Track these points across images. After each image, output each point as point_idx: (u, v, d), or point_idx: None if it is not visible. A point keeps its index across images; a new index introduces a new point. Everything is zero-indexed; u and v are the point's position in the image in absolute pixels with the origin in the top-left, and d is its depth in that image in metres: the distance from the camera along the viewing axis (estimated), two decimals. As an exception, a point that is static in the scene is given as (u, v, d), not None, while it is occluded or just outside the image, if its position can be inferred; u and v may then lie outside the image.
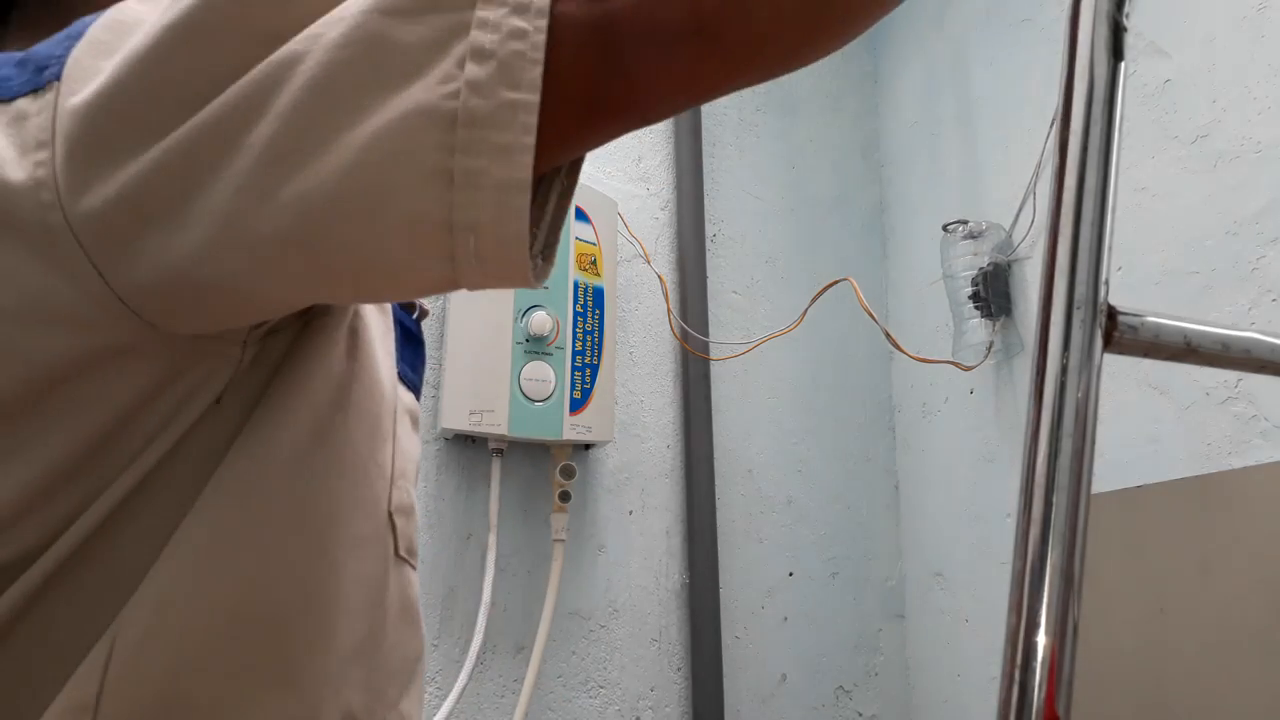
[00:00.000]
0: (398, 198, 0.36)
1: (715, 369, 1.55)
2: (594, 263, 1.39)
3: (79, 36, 0.41)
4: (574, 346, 1.35)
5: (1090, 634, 1.15)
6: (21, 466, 0.40)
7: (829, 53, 0.39)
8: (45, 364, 0.39)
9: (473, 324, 1.32)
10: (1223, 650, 1.04)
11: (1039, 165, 1.39)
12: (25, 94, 0.40)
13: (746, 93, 1.71)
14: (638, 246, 1.53)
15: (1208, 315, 1.14)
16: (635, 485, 1.48)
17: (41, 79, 0.40)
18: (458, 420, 1.29)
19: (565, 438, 1.33)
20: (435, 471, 1.35)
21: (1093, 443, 0.44)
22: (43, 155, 0.38)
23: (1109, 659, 1.16)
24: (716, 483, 1.50)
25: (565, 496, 1.36)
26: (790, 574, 1.55)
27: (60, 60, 0.40)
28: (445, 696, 1.27)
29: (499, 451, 1.34)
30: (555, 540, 1.35)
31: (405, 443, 0.56)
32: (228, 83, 0.37)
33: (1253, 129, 1.12)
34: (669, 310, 1.53)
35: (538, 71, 0.36)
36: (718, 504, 1.49)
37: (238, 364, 0.44)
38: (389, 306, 0.57)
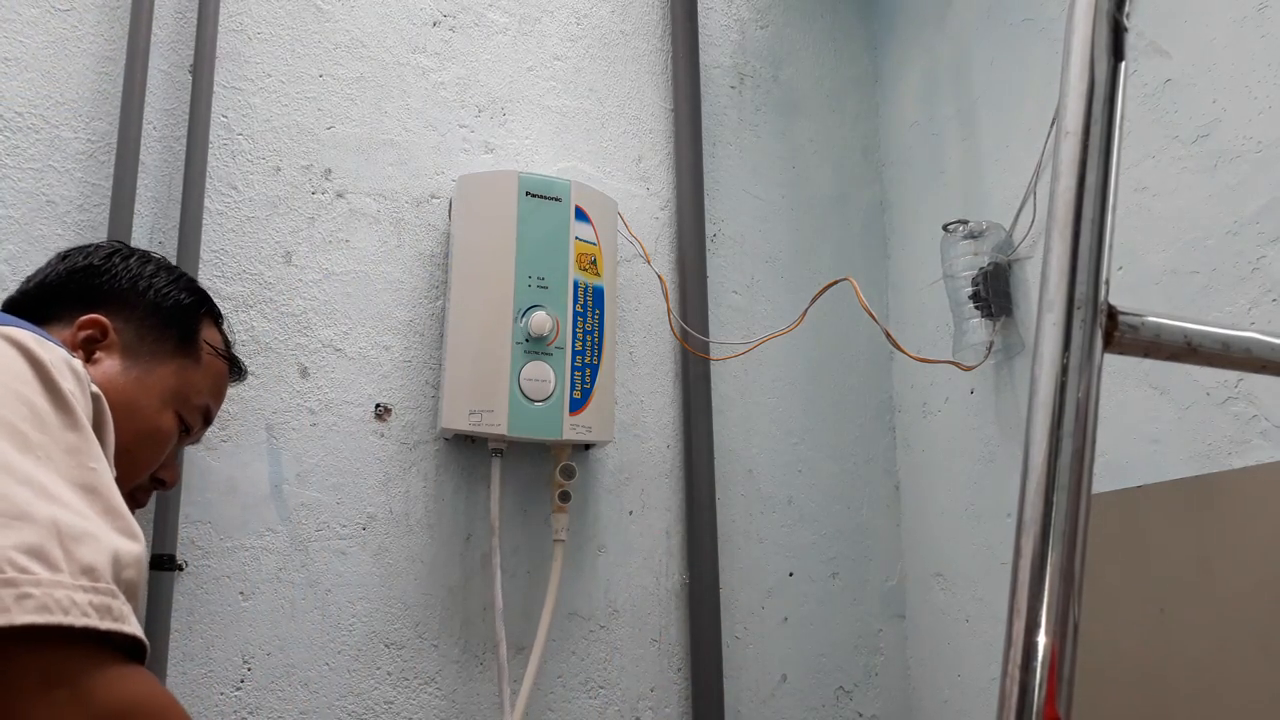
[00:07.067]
0: None
1: (715, 369, 1.55)
2: (594, 262, 1.39)
3: None
4: (574, 346, 1.35)
5: (1090, 634, 1.15)
6: None
7: None
8: None
9: (472, 324, 1.32)
10: (1223, 650, 1.04)
11: (1039, 165, 1.39)
12: None
13: (747, 92, 1.71)
14: (638, 246, 1.53)
15: (1208, 315, 1.14)
16: (635, 485, 1.48)
17: None
18: (457, 420, 1.28)
19: (565, 438, 1.32)
20: (435, 472, 1.35)
21: (1093, 443, 0.44)
22: None
23: (1109, 659, 1.16)
24: (716, 483, 1.50)
25: (565, 497, 1.35)
26: (790, 574, 1.55)
27: None
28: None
29: (499, 452, 1.34)
30: (555, 540, 1.35)
31: None
32: None
33: (1253, 128, 1.12)
34: (669, 310, 1.53)
35: None
36: (718, 504, 1.49)
37: None
38: None
